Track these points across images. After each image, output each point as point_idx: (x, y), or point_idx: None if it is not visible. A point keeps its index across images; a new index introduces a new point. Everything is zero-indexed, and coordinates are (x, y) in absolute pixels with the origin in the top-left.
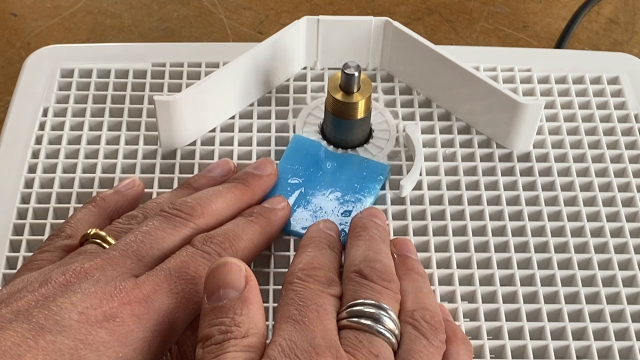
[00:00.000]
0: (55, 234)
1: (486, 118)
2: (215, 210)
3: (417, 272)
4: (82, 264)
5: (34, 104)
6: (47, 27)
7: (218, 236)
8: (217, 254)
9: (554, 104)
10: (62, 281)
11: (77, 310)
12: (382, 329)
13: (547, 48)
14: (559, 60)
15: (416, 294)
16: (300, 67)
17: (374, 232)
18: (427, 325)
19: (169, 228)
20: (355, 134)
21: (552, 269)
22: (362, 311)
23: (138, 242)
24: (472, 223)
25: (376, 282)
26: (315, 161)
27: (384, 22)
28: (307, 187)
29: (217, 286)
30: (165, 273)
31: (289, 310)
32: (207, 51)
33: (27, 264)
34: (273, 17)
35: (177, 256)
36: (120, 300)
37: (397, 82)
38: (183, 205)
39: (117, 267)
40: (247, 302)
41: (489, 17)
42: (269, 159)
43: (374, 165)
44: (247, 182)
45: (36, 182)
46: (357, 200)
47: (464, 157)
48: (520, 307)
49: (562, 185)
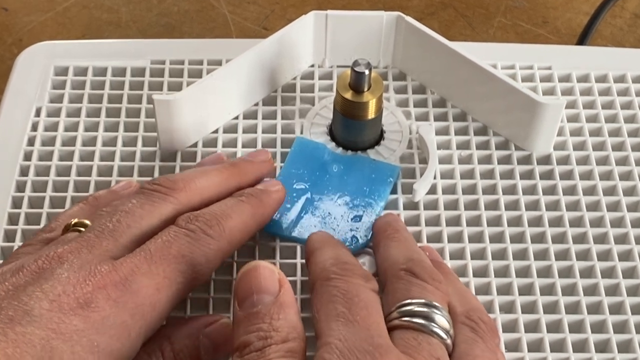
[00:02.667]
0: (41, 230)
1: (504, 118)
2: (198, 186)
3: (454, 277)
4: (57, 248)
5: (26, 103)
6: (40, 23)
7: (204, 215)
8: (202, 232)
9: (576, 103)
10: (35, 268)
11: (49, 299)
12: (436, 329)
13: (568, 44)
14: (581, 57)
15: (462, 295)
16: (308, 64)
17: (406, 234)
18: (484, 326)
19: (147, 205)
20: (366, 136)
21: (574, 278)
22: (414, 310)
23: (114, 221)
24: (489, 229)
25: (428, 281)
26: (321, 164)
27: (396, 17)
28: (313, 192)
29: (249, 292)
30: (145, 254)
31: (336, 308)
32: (209, 48)
33: (8, 259)
34: (279, 12)
35: (158, 237)
36: (95, 284)
37: (409, 81)
38: (163, 180)
39: (93, 249)
40: (283, 306)
41: (506, 11)
42: (264, 150)
43: (383, 166)
44: (236, 164)
45: (28, 185)
46: (367, 204)
47: (481, 159)
48: (540, 317)
49: (584, 189)
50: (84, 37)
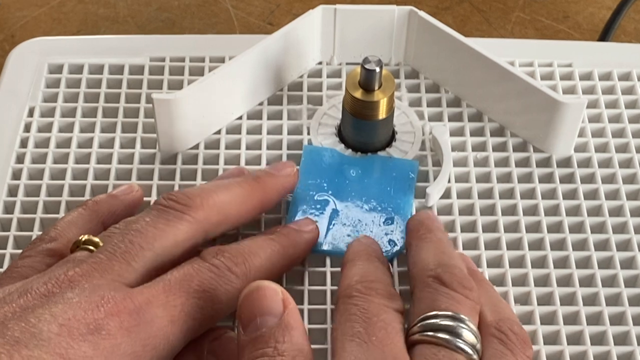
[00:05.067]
0: (39, 238)
1: (522, 119)
2: (217, 202)
3: (489, 284)
4: (67, 271)
5: (19, 103)
6: (33, 18)
7: (231, 250)
8: (227, 269)
9: (598, 102)
10: (44, 291)
11: (58, 322)
12: (462, 344)
13: (590, 41)
14: (603, 54)
15: (495, 304)
16: (315, 62)
17: (440, 235)
18: (515, 338)
19: (161, 224)
20: (376, 137)
21: (596, 287)
22: (438, 324)
23: (127, 242)
24: (507, 235)
25: (457, 290)
26: (338, 171)
27: (409, 12)
28: (337, 201)
29: (252, 315)
30: (164, 284)
31: (353, 327)
32: (211, 44)
33: (7, 272)
34: (285, 7)
35: (181, 268)
36: (108, 310)
37: (422, 79)
38: (179, 195)
39: (105, 274)
40: (288, 328)
41: (525, 6)
42: (289, 162)
43: (401, 163)
44: (259, 178)
45: (21, 189)
46: (396, 205)
47: (498, 162)
48: (560, 328)
49: (606, 193)
50: (79, 33)
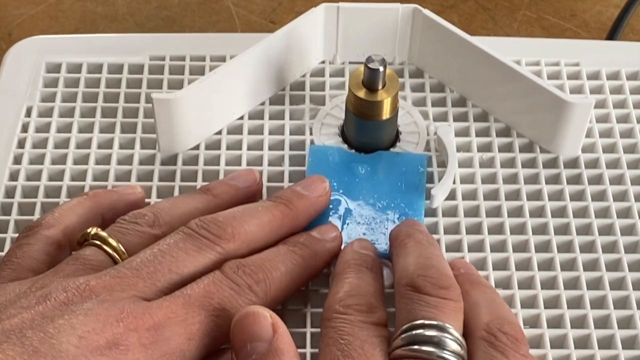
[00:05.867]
0: (36, 223)
1: (528, 119)
2: (248, 232)
3: (485, 285)
4: (88, 281)
5: (16, 102)
6: (30, 16)
7: (252, 265)
8: (247, 287)
9: (606, 102)
10: (63, 299)
11: (77, 334)
12: (447, 354)
13: (598, 39)
14: (611, 53)
15: (489, 304)
16: (318, 61)
17: (420, 237)
18: (505, 338)
19: (192, 250)
20: (380, 137)
21: (604, 290)
22: (421, 335)
23: (156, 262)
24: (513, 237)
25: (431, 294)
26: (346, 169)
27: (413, 10)
28: (349, 200)
29: (243, 341)
30: (184, 300)
31: (331, 352)
32: (212, 43)
33: (6, 262)
34: (287, 4)
35: (201, 281)
36: (127, 325)
37: (427, 78)
38: (212, 225)
39: (127, 289)
40: (278, 353)
41: (531, 4)
42: (320, 177)
43: (410, 158)
44: (291, 203)
45: (18, 190)
46: (408, 201)
47: (503, 163)
48: (568, 332)
49: (614, 194)
50: (77, 32)
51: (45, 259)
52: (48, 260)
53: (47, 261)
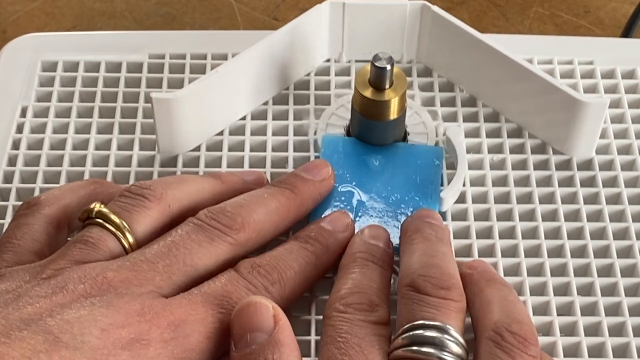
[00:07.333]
0: (34, 202)
1: (541, 119)
2: (257, 221)
3: (501, 283)
4: (105, 272)
5: (11, 102)
6: (26, 13)
7: (266, 265)
8: (263, 288)
9: (621, 102)
10: (81, 291)
11: (99, 327)
12: (446, 356)
13: (612, 37)
14: (627, 50)
15: (501, 302)
16: (323, 59)
17: (428, 232)
18: (512, 338)
19: (205, 241)
20: (387, 138)
21: (619, 296)
22: (422, 336)
23: (171, 255)
24: (525, 242)
25: (432, 294)
26: (360, 160)
27: (421, 7)
28: (362, 192)
29: (243, 331)
30: (203, 298)
31: (329, 350)
32: (213, 40)
33: (6, 244)
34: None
35: (218, 280)
36: (148, 320)
37: (436, 77)
38: (221, 215)
39: (145, 283)
40: (278, 345)
41: (544, 1)
42: (322, 161)
43: (425, 150)
44: (295, 187)
45: (12, 193)
46: (423, 194)
47: (515, 164)
48: (581, 340)
49: (629, 197)
50: (74, 29)
51: (46, 240)
52: (48, 240)
53: (47, 241)
